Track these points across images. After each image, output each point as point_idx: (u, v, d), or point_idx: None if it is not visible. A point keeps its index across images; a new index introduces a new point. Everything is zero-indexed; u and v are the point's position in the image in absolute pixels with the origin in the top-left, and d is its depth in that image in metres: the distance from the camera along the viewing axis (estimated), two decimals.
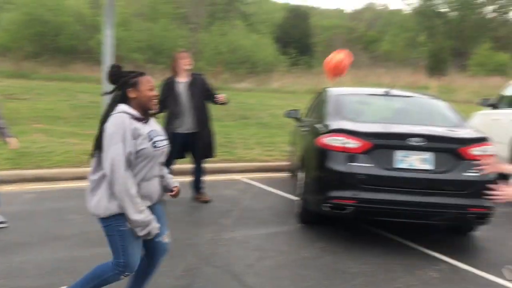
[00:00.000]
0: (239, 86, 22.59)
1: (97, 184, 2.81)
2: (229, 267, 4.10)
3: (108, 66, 2.99)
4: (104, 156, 2.73)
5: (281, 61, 29.33)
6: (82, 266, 3.97)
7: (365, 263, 4.36)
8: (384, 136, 4.80)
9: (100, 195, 2.79)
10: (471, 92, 21.53)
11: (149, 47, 28.36)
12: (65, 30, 28.94)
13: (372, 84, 22.83)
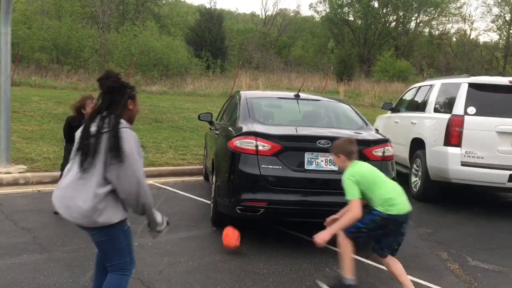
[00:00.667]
0: (151, 88, 22.08)
1: (105, 197, 2.72)
2: (138, 274, 3.97)
3: (107, 73, 2.89)
4: (125, 172, 2.68)
5: (194, 64, 29.12)
6: None
7: (275, 263, 4.44)
8: (293, 139, 4.92)
9: (110, 206, 2.74)
10: (375, 97, 22.85)
11: (54, 46, 26.82)
12: None
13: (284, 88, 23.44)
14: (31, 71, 23.28)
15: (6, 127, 7.43)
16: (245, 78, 24.76)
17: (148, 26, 30.44)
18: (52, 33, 27.44)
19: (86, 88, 20.68)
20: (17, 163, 7.64)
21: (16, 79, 18.10)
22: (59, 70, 24.34)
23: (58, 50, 26.82)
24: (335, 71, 29.92)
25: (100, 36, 29.60)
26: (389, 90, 25.42)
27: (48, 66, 24.84)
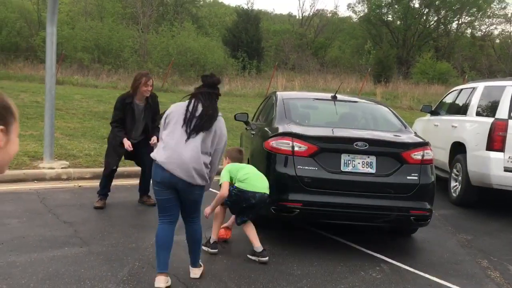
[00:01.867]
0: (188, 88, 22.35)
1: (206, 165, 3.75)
2: (174, 271, 4.04)
3: (212, 74, 4.12)
4: (219, 148, 3.87)
5: (230, 65, 29.33)
6: (19, 272, 3.79)
7: (309, 265, 4.42)
8: (330, 140, 4.89)
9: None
10: (414, 99, 22.40)
11: (96, 46, 27.56)
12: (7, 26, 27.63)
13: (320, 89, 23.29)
14: (74, 70, 23.98)
15: (50, 124, 7.69)
16: (281, 79, 24.74)
17: (186, 27, 30.86)
18: (94, 33, 28.22)
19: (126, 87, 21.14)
20: (59, 159, 7.90)
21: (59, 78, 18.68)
22: (100, 69, 24.98)
23: (100, 50, 27.53)
24: (373, 72, 29.48)
25: (139, 37, 30.20)
26: (428, 93, 24.86)
27: (90, 65, 25.52)
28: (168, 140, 3.68)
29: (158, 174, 3.68)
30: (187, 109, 3.78)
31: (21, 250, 4.28)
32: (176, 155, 3.61)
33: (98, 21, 30.96)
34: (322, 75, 30.08)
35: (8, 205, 5.64)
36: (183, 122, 3.70)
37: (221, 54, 28.92)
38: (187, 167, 3.60)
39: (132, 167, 8.11)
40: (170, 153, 3.63)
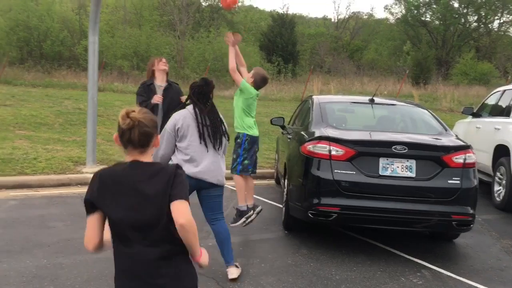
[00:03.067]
0: (224, 93, 22.60)
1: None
2: (213, 274, 4.09)
3: (202, 83, 4.16)
4: (225, 149, 4.26)
5: (266, 69, 29.45)
6: (64, 273, 3.93)
7: (348, 270, 4.39)
8: (367, 144, 4.85)
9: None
10: (454, 101, 21.83)
11: (135, 54, 28.24)
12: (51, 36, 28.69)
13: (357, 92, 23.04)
14: (114, 77, 24.65)
15: (92, 130, 7.94)
16: (317, 83, 24.62)
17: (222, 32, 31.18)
18: (133, 41, 28.92)
19: None
20: (101, 164, 8.13)
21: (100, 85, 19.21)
22: (139, 76, 25.56)
23: (138, 57, 28.17)
24: (411, 74, 28.91)
25: (176, 43, 30.75)
26: (469, 94, 24.16)
27: (129, 72, 26.16)
28: (191, 153, 3.97)
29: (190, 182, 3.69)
30: (198, 120, 4.01)
31: (66, 252, 4.43)
32: (202, 165, 3.97)
33: (136, 29, 31.70)
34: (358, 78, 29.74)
35: (54, 209, 5.86)
36: (200, 135, 3.98)
37: (256, 59, 29.07)
38: (213, 173, 4.03)
39: None
40: (195, 164, 3.96)
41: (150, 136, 2.09)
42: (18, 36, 27.97)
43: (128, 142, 2.09)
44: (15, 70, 24.49)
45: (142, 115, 2.08)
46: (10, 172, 7.07)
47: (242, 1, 40.50)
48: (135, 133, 2.06)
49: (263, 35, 37.29)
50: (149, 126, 2.08)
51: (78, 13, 32.42)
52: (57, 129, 11.22)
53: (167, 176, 2.05)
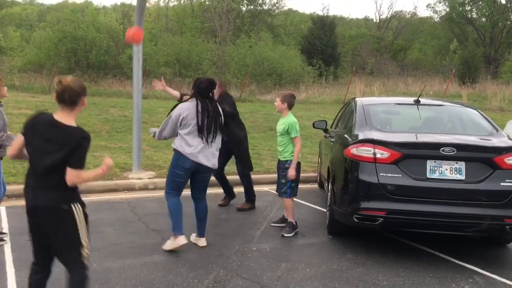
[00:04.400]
0: (265, 98, 22.63)
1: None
2: (258, 279, 4.09)
3: (203, 80, 4.89)
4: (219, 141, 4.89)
5: (307, 72, 29.30)
6: (113, 277, 4.03)
7: (396, 275, 4.27)
8: (414, 146, 4.72)
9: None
10: (504, 100, 20.98)
11: (177, 61, 28.78)
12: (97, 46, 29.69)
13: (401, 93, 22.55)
14: None
15: (138, 137, 8.13)
16: (359, 84, 24.29)
17: (262, 37, 31.33)
18: (175, 48, 29.51)
19: None
20: (146, 170, 8.31)
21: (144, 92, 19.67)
22: (181, 82, 26.02)
23: (180, 64, 28.71)
24: (457, 73, 28.02)
25: (217, 49, 31.12)
26: None
27: (172, 79, 26.67)
28: (189, 140, 4.68)
29: (187, 163, 4.67)
30: (198, 111, 4.68)
31: (115, 256, 4.54)
32: (198, 149, 4.68)
33: (178, 36, 32.32)
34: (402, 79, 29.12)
35: (102, 214, 6.02)
36: (199, 125, 4.67)
37: (298, 62, 28.99)
38: (209, 159, 4.74)
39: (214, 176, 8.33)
40: (193, 148, 4.67)
41: (77, 97, 2.83)
42: (66, 47, 29.10)
43: (60, 101, 2.80)
44: None
45: (72, 81, 2.83)
46: None
47: (283, 5, 40.45)
48: (66, 94, 2.78)
49: (303, 38, 37.18)
50: (77, 90, 2.82)
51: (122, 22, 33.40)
52: (104, 136, 11.56)
53: (70, 144, 2.78)
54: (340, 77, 32.85)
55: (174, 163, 4.77)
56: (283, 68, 27.53)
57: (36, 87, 21.71)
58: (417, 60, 40.13)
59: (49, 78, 24.65)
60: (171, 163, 4.84)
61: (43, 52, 29.43)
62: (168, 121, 4.80)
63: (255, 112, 17.13)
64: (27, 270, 4.11)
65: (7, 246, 4.76)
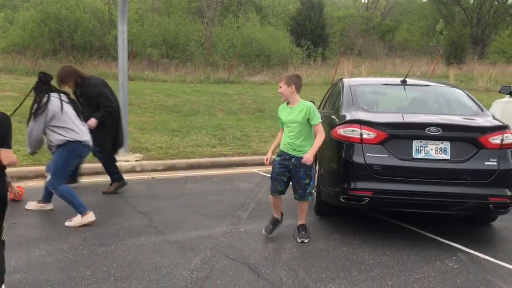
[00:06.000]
0: (254, 79, 22.53)
1: None
2: (245, 260, 4.11)
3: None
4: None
5: (296, 53, 29.16)
6: (100, 259, 4.02)
7: (382, 254, 4.32)
8: (400, 126, 4.73)
9: None
10: (491, 80, 21.12)
11: (164, 42, 28.44)
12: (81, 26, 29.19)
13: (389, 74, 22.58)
14: (144, 66, 24.93)
15: (124, 118, 8.03)
16: (347, 65, 24.26)
17: (250, 17, 31.04)
18: (161, 29, 29.12)
19: (193, 80, 21.68)
20: (133, 152, 8.26)
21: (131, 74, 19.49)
22: (169, 64, 25.77)
23: (167, 45, 28.39)
24: (445, 54, 28.09)
25: (205, 30, 30.79)
26: (507, 73, 23.34)
27: (159, 60, 26.40)
28: (79, 125, 5.06)
29: (85, 151, 5.16)
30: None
31: (101, 238, 4.53)
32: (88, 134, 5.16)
33: (165, 17, 31.88)
34: (390, 60, 29.13)
35: (89, 196, 5.98)
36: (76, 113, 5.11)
37: (286, 43, 28.82)
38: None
39: (202, 159, 8.34)
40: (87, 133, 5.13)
41: None
42: (50, 28, 28.58)
43: None
44: (48, 62, 25.07)
45: None
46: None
47: None
48: None
49: (291, 19, 36.90)
50: None
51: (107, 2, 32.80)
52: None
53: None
54: (329, 58, 32.76)
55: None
56: (271, 49, 27.36)
57: (20, 69, 21.36)
58: (405, 41, 40.11)
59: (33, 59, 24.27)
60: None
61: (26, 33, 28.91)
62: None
63: (243, 93, 17.06)
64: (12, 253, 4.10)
65: None
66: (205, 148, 8.97)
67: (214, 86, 19.54)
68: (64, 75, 5.70)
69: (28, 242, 4.40)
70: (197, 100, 15.24)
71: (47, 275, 3.69)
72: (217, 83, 21.30)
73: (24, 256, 4.05)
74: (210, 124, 11.46)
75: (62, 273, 3.73)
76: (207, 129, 10.81)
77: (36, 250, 4.21)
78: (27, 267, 3.85)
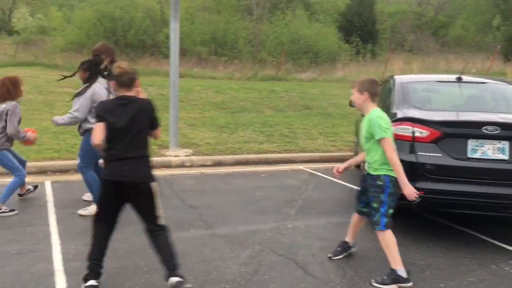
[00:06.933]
0: (301, 76, 22.42)
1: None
2: (293, 256, 4.12)
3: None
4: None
5: (344, 50, 28.76)
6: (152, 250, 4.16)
7: (433, 255, 4.22)
8: (454, 125, 4.59)
9: None
10: None
11: (213, 39, 28.78)
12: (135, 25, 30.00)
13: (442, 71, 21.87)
14: (193, 64, 25.33)
15: (174, 115, 8.24)
16: (398, 62, 23.69)
17: (299, 14, 30.88)
18: (211, 27, 29.49)
19: (241, 77, 21.84)
20: (183, 147, 8.44)
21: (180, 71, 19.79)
22: (217, 61, 26.05)
23: (216, 42, 28.69)
24: (502, 50, 26.86)
25: (253, 27, 30.90)
26: None
27: (208, 58, 26.73)
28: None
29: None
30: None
31: None
32: None
33: (215, 15, 32.24)
34: (443, 56, 28.19)
35: None
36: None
37: (334, 40, 28.49)
38: None
39: (249, 155, 8.42)
40: None
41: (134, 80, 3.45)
42: (105, 27, 29.54)
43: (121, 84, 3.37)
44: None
45: (128, 66, 3.42)
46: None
47: None
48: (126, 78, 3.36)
49: (340, 15, 36.40)
50: (133, 74, 3.45)
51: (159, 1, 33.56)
52: None
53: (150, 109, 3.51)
54: (378, 55, 32.09)
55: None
56: (319, 46, 27.12)
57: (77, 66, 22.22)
58: (459, 37, 38.65)
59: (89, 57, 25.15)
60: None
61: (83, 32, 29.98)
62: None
63: (291, 90, 17.02)
64: (71, 242, 4.30)
65: (52, 218, 4.97)
66: (253, 145, 9.03)
67: (261, 83, 19.60)
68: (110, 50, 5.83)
69: (85, 232, 4.59)
70: (244, 97, 15.35)
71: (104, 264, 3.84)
72: (264, 80, 21.36)
73: (82, 245, 4.24)
74: (257, 121, 11.52)
75: (118, 263, 3.88)
76: (255, 125, 10.88)
77: None
78: (85, 255, 4.02)
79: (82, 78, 5.21)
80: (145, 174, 3.36)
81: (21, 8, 36.81)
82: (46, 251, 4.11)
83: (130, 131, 3.29)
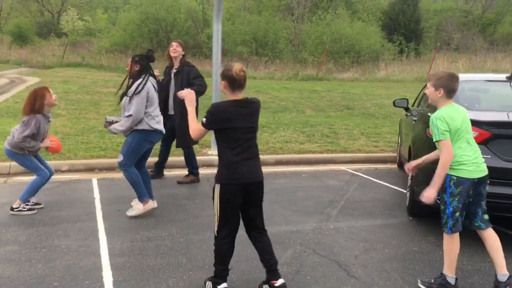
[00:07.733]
0: (343, 76, 22.18)
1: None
2: (335, 257, 4.08)
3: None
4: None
5: (387, 49, 28.24)
6: (195, 247, 4.22)
7: (481, 260, 4.08)
8: (505, 125, 4.43)
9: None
10: None
11: (254, 39, 28.90)
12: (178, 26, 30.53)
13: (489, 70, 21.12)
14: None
15: None
16: (443, 61, 23.08)
17: (340, 13, 30.57)
18: (252, 27, 29.63)
19: (282, 77, 21.83)
20: None
21: None
22: (258, 61, 26.15)
23: (257, 42, 28.81)
24: None
25: (294, 27, 30.82)
26: None
27: (249, 58, 26.87)
28: (158, 113, 5.16)
29: (157, 138, 5.23)
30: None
31: (196, 228, 4.74)
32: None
33: (256, 15, 32.36)
34: (491, 55, 27.21)
35: (184, 188, 6.29)
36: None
37: (377, 39, 28.02)
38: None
39: (290, 155, 8.39)
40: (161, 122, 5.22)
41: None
42: (149, 28, 30.22)
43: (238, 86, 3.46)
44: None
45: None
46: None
47: None
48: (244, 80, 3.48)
49: (383, 14, 35.79)
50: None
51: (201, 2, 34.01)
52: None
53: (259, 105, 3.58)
54: (423, 54, 31.34)
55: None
56: (361, 45, 26.74)
57: (122, 67, 22.83)
58: (508, 34, 37.23)
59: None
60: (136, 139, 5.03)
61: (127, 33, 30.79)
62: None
63: (332, 90, 16.87)
64: (117, 238, 4.42)
65: (99, 215, 5.13)
66: (294, 145, 9.01)
67: (302, 83, 19.53)
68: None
69: (130, 229, 4.72)
70: (285, 96, 15.33)
71: (148, 260, 3.94)
72: (305, 80, 21.28)
73: (127, 241, 4.35)
74: (298, 121, 11.48)
75: (161, 259, 3.96)
76: (296, 125, 10.84)
77: (138, 236, 4.51)
78: (130, 251, 4.13)
79: (132, 71, 5.04)
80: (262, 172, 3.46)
81: (70, 11, 38.16)
82: (93, 246, 4.24)
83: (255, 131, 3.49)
